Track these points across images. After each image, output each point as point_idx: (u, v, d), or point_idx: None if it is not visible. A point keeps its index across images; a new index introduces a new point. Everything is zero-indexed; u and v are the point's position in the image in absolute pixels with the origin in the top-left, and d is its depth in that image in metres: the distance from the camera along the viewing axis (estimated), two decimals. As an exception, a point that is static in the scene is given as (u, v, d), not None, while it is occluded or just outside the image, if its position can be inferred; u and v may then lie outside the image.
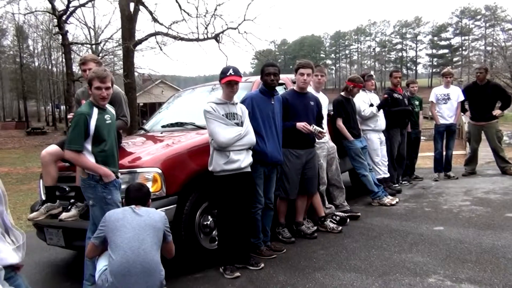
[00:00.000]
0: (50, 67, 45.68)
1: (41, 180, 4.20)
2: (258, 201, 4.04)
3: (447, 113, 7.28)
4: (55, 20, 15.55)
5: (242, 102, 4.03)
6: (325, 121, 5.09)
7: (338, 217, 5.02)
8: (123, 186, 3.44)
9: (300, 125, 4.31)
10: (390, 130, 6.45)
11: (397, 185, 6.95)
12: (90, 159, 3.25)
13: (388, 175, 6.39)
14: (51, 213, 3.83)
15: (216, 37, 14.61)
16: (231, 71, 3.73)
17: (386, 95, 6.36)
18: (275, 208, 4.43)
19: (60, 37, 15.31)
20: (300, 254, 4.19)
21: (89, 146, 3.26)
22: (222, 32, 14.62)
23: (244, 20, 14.34)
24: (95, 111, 3.28)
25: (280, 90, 4.75)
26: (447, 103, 7.27)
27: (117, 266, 2.74)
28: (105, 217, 2.96)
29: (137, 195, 3.08)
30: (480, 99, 7.23)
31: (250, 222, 4.00)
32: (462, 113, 7.92)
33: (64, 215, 3.71)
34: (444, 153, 7.47)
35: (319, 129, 4.42)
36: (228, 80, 3.71)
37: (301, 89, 4.51)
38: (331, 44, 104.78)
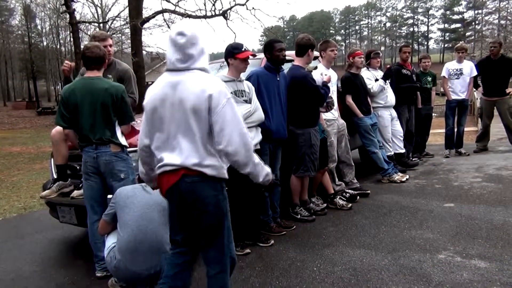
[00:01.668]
0: (58, 46, 45.63)
1: (52, 159, 4.24)
2: None
3: (459, 89, 7.17)
4: (62, -1, 15.44)
5: (248, 78, 3.99)
6: (335, 98, 5.05)
7: (348, 194, 5.03)
8: (132, 164, 3.48)
9: (326, 77, 4.48)
10: (398, 106, 6.36)
11: (416, 158, 6.95)
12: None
13: (404, 150, 6.37)
14: (63, 191, 3.87)
15: (224, 14, 14.42)
16: (245, 46, 3.70)
17: (389, 66, 6.29)
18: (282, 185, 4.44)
19: (68, 16, 15.21)
20: (309, 230, 4.22)
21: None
22: (230, 8, 14.42)
23: (253, -5, 14.12)
24: None
25: (288, 66, 4.69)
26: (459, 78, 7.16)
27: (125, 244, 2.77)
28: (116, 193, 2.98)
29: None
30: (493, 74, 7.09)
31: (259, 199, 4.01)
32: (474, 89, 7.78)
33: (75, 193, 3.75)
34: (455, 129, 7.38)
35: (333, 101, 4.55)
36: (248, 55, 3.69)
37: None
38: (341, 19, 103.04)
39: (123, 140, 3.46)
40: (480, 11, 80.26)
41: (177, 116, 2.24)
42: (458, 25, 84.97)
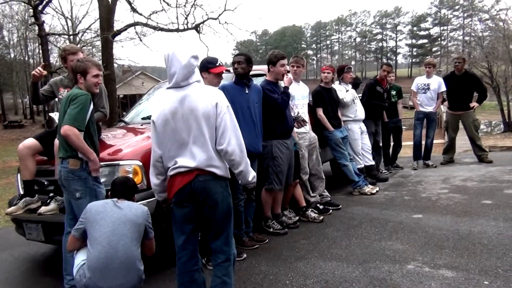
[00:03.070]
0: (26, 58, 44.49)
1: (18, 174, 4.12)
2: (239, 192, 4.02)
3: (426, 103, 7.42)
4: (31, 10, 15.15)
5: None
6: (306, 111, 5.12)
7: (321, 206, 5.08)
8: (103, 179, 3.41)
9: (287, 79, 4.44)
10: (364, 120, 6.49)
11: (386, 171, 7.09)
12: None
13: (373, 163, 6.50)
14: (30, 207, 3.76)
15: (197, 28, 14.43)
16: (219, 61, 3.72)
17: (355, 75, 6.48)
18: (256, 199, 4.44)
19: (37, 27, 14.93)
20: (282, 244, 4.23)
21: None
22: (203, 22, 14.43)
23: (225, 10, 14.18)
24: None
25: (260, 80, 4.74)
26: (426, 93, 7.39)
27: (95, 261, 2.70)
28: (86, 208, 2.91)
29: (123, 189, 3.02)
30: (457, 89, 7.35)
31: (234, 213, 3.99)
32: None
33: (43, 209, 3.66)
34: (423, 142, 7.60)
35: (303, 117, 4.52)
36: (222, 70, 3.70)
37: (277, 80, 4.55)
38: (312, 34, 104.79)
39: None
40: (445, 28, 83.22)
41: (190, 125, 2.58)
42: (425, 40, 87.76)
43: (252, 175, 2.76)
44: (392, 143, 7.59)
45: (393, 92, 7.37)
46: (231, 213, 2.74)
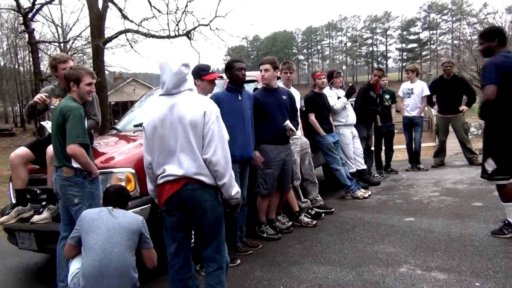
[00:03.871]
0: (16, 66, 44.24)
1: (10, 183, 4.10)
2: None
3: (411, 107, 7.60)
4: (21, 18, 15.11)
5: None
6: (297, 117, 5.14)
7: (313, 211, 5.10)
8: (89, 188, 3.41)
9: (258, 159, 4.40)
10: (356, 125, 6.53)
11: (378, 175, 7.14)
12: None
13: (365, 167, 6.55)
14: (22, 216, 3.76)
15: (188, 34, 14.45)
16: (212, 68, 3.74)
17: (351, 84, 6.53)
18: (249, 205, 4.46)
19: (27, 35, 14.88)
20: (275, 249, 4.25)
21: None
22: (194, 29, 14.46)
23: (216, 16, 14.21)
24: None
25: (252, 86, 4.77)
26: (410, 97, 7.58)
27: (89, 269, 2.70)
28: (81, 216, 2.91)
29: (117, 198, 3.02)
30: (446, 92, 7.45)
31: (229, 219, 3.99)
32: (430, 107, 8.15)
33: (35, 218, 3.65)
34: (413, 145, 7.70)
35: (290, 126, 4.48)
36: (215, 76, 3.71)
37: (266, 84, 4.55)
38: (303, 39, 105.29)
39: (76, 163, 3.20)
40: (434, 32, 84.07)
41: (177, 132, 2.58)
42: (415, 44, 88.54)
43: (235, 190, 2.69)
44: (383, 148, 7.65)
45: (387, 96, 7.45)
46: (220, 221, 2.72)
